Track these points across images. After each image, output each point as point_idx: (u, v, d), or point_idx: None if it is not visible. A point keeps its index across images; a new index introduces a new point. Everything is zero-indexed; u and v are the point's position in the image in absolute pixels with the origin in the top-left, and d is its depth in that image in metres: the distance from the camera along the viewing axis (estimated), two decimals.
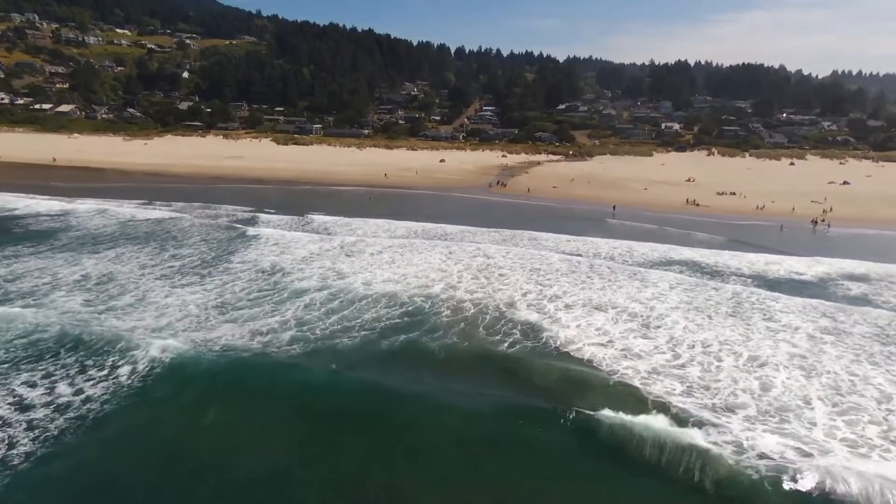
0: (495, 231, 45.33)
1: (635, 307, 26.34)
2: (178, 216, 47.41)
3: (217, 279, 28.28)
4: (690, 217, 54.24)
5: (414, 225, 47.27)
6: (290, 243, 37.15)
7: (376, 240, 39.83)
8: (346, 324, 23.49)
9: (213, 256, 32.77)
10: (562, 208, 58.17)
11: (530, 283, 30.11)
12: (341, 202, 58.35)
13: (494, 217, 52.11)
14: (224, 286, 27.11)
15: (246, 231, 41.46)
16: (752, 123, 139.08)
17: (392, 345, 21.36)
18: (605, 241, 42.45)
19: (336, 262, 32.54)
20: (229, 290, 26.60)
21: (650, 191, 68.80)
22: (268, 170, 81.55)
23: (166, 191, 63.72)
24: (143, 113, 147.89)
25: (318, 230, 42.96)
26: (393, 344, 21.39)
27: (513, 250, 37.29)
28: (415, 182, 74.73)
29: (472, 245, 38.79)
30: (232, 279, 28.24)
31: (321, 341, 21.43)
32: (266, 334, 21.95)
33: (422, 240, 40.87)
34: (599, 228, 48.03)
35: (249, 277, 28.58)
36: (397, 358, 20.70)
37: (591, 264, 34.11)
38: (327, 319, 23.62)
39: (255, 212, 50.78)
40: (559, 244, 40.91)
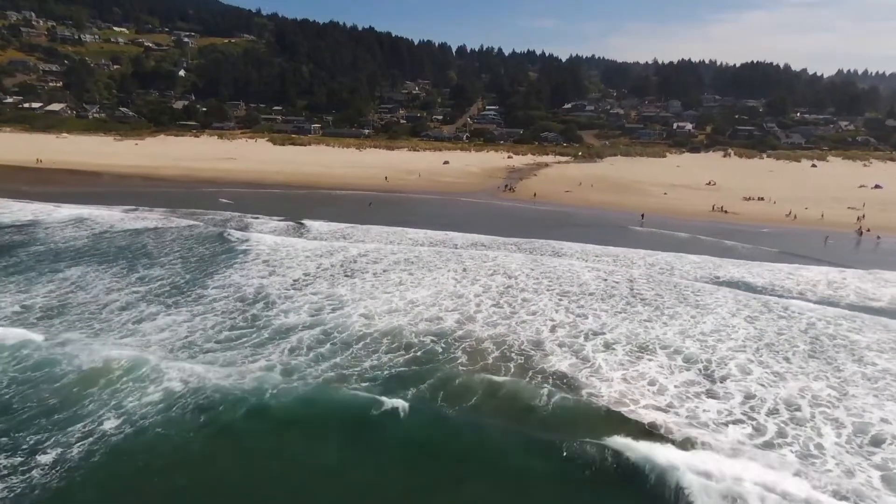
0: (512, 242, 40.80)
1: (692, 347, 21.72)
2: (160, 226, 42.96)
3: (186, 311, 23.64)
4: (722, 225, 49.60)
5: (420, 234, 42.82)
6: (282, 260, 32.60)
7: (379, 253, 35.30)
8: (341, 371, 18.91)
9: (188, 279, 28.14)
10: (580, 215, 53.58)
11: (560, 310, 25.53)
12: (340, 208, 53.83)
13: (508, 225, 47.57)
14: (193, 321, 22.46)
15: (232, 244, 36.94)
16: (767, 123, 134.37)
17: (393, 413, 16.68)
18: (638, 253, 37.92)
19: (334, 284, 27.96)
20: (199, 326, 21.96)
21: (671, 196, 64.21)
22: (262, 172, 76.96)
23: (151, 195, 59.30)
24: (136, 112, 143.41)
25: (315, 243, 38.39)
26: (394, 412, 16.70)
27: (537, 267, 32.74)
28: (418, 186, 70.16)
29: (489, 260, 34.26)
30: (204, 311, 23.59)
31: (303, 405, 16.79)
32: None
33: (430, 251, 36.36)
34: (627, 238, 43.42)
35: (226, 308, 23.93)
36: (398, 433, 16.03)
37: (630, 285, 29.53)
38: (316, 368, 18.99)
39: (245, 220, 46.25)
40: (587, 257, 36.37)
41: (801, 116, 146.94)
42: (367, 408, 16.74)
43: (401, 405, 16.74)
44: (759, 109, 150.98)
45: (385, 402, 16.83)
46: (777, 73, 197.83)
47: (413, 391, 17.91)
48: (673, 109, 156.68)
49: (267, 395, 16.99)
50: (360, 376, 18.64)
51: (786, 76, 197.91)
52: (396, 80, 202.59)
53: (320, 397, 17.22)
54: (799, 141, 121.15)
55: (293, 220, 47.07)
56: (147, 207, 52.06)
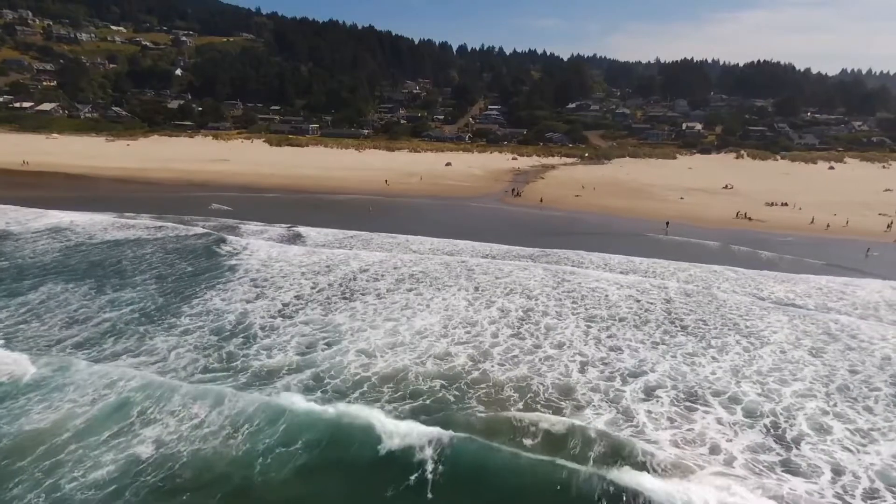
0: (526, 253, 37.47)
1: (751, 393, 18.29)
2: (142, 236, 39.65)
3: (152, 347, 20.20)
4: (750, 234, 46.12)
5: (426, 244, 39.63)
6: (273, 278, 29.18)
7: (382, 268, 31.95)
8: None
9: (161, 305, 24.69)
10: (595, 222, 50.12)
11: (589, 341, 22.15)
12: (339, 214, 50.45)
13: (519, 233, 44.21)
14: (156, 364, 18.99)
15: (219, 258, 33.58)
16: (778, 124, 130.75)
17: (396, 490, 13.28)
18: (667, 265, 34.54)
19: (330, 310, 24.52)
20: (164, 368, 18.50)
21: (688, 200, 60.73)
22: (256, 175, 73.51)
23: (139, 200, 56.00)
24: (130, 112, 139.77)
25: (311, 255, 35.00)
26: (397, 489, 13.31)
27: (558, 284, 29.35)
28: (419, 189, 66.73)
29: (504, 275, 30.86)
30: (173, 347, 20.12)
31: (283, 483, 13.37)
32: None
33: (438, 265, 33.02)
34: (652, 248, 40.01)
35: (198, 344, 20.46)
36: None
37: (666, 307, 26.13)
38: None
39: (236, 229, 42.92)
40: (612, 271, 32.98)
41: (811, 116, 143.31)
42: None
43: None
44: (768, 109, 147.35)
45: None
46: (784, 73, 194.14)
47: (418, 457, 14.47)
48: (680, 109, 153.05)
49: (236, 474, 13.56)
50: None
51: (793, 76, 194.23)
52: (397, 79, 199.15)
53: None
54: (812, 142, 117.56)
55: (288, 228, 43.82)
56: (132, 214, 48.91)
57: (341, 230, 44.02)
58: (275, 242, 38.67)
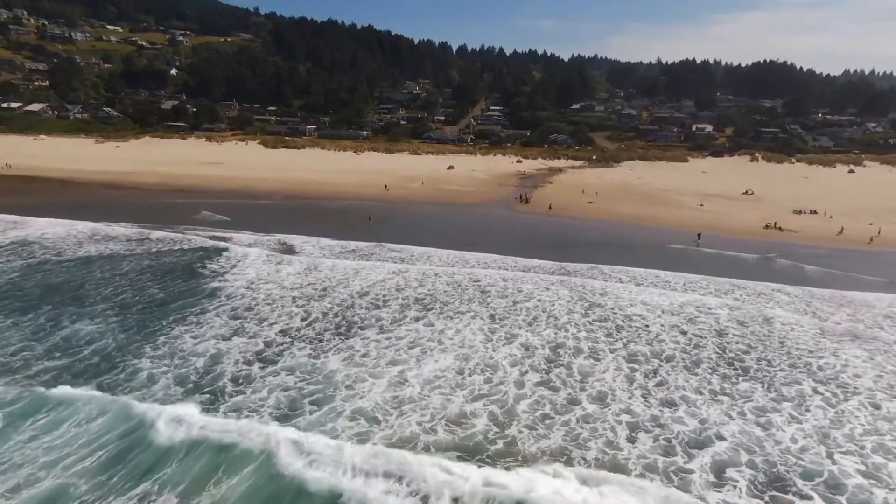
0: (546, 268, 33.66)
1: (853, 473, 14.44)
2: (117, 251, 35.92)
3: (97, 407, 16.28)
4: (784, 246, 42.19)
5: (432, 257, 35.90)
6: (259, 306, 25.42)
7: (384, 289, 28.29)
8: None
9: (121, 343, 20.81)
10: (615, 232, 46.20)
11: (635, 391, 18.37)
12: (336, 223, 46.55)
13: (533, 244, 40.42)
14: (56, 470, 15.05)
15: (200, 280, 29.88)
16: (790, 125, 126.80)
17: None
18: (706, 283, 30.80)
19: (321, 350, 20.70)
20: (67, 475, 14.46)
21: (709, 208, 56.86)
22: (249, 180, 69.60)
23: (122, 207, 52.30)
24: (121, 112, 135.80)
25: (305, 274, 31.24)
26: None
27: (588, 309, 25.59)
28: (421, 195, 62.83)
29: (523, 298, 27.06)
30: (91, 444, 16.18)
31: None
32: None
33: (447, 285, 29.30)
34: (683, 262, 36.21)
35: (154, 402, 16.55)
36: None
37: (718, 341, 22.37)
38: None
39: (223, 241, 39.10)
40: (646, 290, 29.16)
41: (823, 118, 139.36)
42: None
43: None
44: (777, 110, 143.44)
45: None
46: (791, 73, 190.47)
47: None
48: (687, 110, 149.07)
49: None
50: None
51: (800, 76, 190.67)
52: (396, 79, 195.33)
53: None
54: (827, 144, 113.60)
55: (281, 241, 40.07)
56: (113, 223, 45.22)
57: (339, 241, 40.40)
58: (266, 258, 34.92)
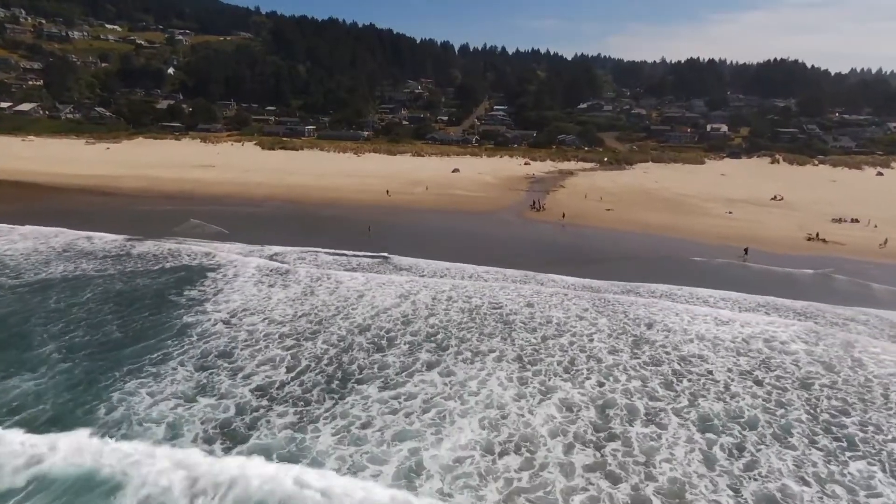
0: (577, 287, 29.39)
1: None
2: (86, 272, 31.80)
3: None
4: (835, 260, 37.80)
5: (440, 274, 31.68)
6: (237, 349, 21.26)
7: (387, 321, 24.17)
8: None
9: (50, 413, 16.49)
10: (643, 245, 41.76)
11: (718, 478, 14.14)
12: (333, 235, 42.30)
13: (553, 257, 36.26)
14: None
15: (172, 311, 25.77)
16: (807, 125, 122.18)
17: None
18: (760, 304, 26.45)
19: (307, 418, 16.47)
20: None
21: (738, 216, 52.44)
22: (242, 185, 65.35)
23: (103, 215, 48.40)
24: (115, 112, 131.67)
25: (297, 302, 27.04)
26: None
27: (635, 344, 21.33)
28: (426, 201, 58.52)
29: (555, 330, 22.80)
30: None
31: None
32: None
33: (461, 312, 25.14)
34: (727, 279, 31.99)
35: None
36: None
37: (806, 396, 18.05)
38: None
39: (209, 256, 34.98)
40: (694, 314, 24.89)
41: (840, 117, 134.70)
42: None
43: None
44: (791, 109, 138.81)
45: None
46: (802, 72, 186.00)
47: None
48: (698, 109, 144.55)
49: None
50: None
51: (812, 75, 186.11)
52: (398, 78, 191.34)
53: None
54: (849, 144, 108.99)
55: (275, 254, 36.05)
56: (90, 233, 41.18)
57: (338, 255, 36.41)
58: (256, 279, 30.76)
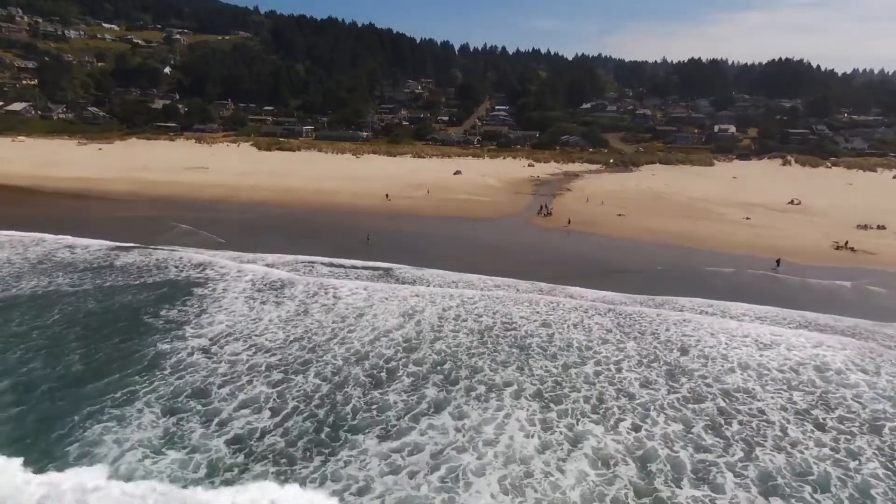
0: (593, 302, 26.59)
1: None
2: (59, 287, 29.16)
3: None
4: (870, 272, 35.08)
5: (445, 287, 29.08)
6: (213, 386, 18.50)
7: (389, 345, 21.58)
8: None
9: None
10: (662, 255, 38.93)
11: None
12: (329, 243, 39.58)
13: (566, 269, 33.69)
14: None
15: (145, 337, 23.13)
16: (816, 126, 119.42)
17: None
18: (801, 322, 23.74)
19: (291, 477, 13.59)
20: None
21: (756, 222, 49.69)
22: (235, 188, 62.54)
23: (86, 221, 45.87)
24: (109, 112, 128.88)
25: (290, 324, 24.39)
26: None
27: (674, 379, 18.50)
28: (427, 206, 55.77)
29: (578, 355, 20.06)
30: None
31: None
32: None
33: (471, 335, 22.62)
34: (757, 292, 29.35)
35: None
36: None
37: (878, 442, 15.40)
38: None
39: (198, 268, 32.35)
40: (731, 333, 22.17)
41: (849, 118, 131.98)
42: None
43: None
44: (799, 110, 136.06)
45: None
46: (808, 72, 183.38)
47: None
48: (704, 110, 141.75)
49: None
50: None
51: (818, 75, 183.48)
52: (398, 78, 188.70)
53: None
54: (861, 146, 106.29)
55: (269, 264, 33.55)
56: (74, 240, 38.74)
57: (336, 265, 33.88)
58: (247, 295, 28.10)
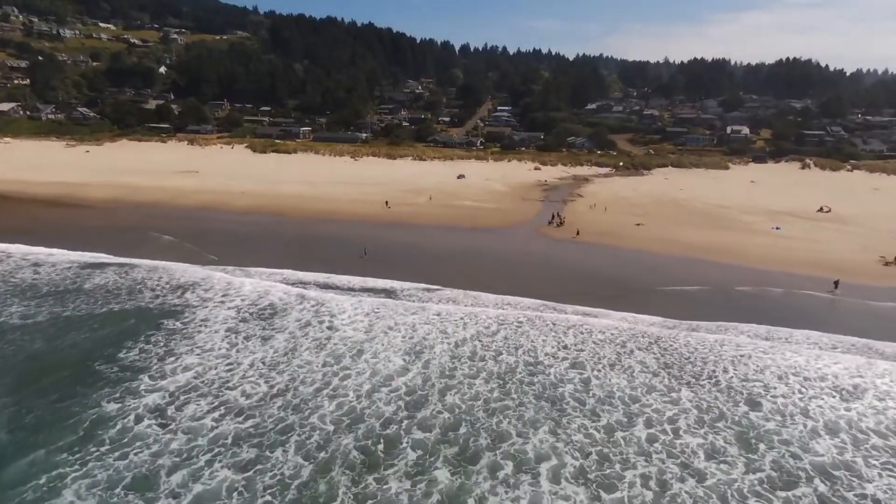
0: (623, 335, 22.63)
1: None
2: (11, 315, 25.44)
3: None
4: None
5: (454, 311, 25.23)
6: (158, 471, 14.55)
7: (389, 401, 18.04)
8: None
9: None
10: (690, 270, 35.10)
11: None
12: (322, 259, 35.72)
13: (588, 287, 29.78)
14: None
15: (98, 389, 19.53)
16: (831, 127, 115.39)
17: None
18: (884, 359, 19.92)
19: None
20: None
21: (788, 233, 45.75)
22: (225, 194, 58.67)
23: (59, 231, 42.33)
24: (100, 113, 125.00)
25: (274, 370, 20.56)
26: None
27: (746, 450, 14.56)
28: (430, 214, 51.83)
29: (623, 411, 16.23)
30: None
31: None
32: None
33: (490, 380, 18.75)
34: (815, 318, 25.46)
35: None
36: None
37: None
38: None
39: (177, 291, 28.54)
40: (809, 383, 18.45)
41: (863, 118, 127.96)
42: None
43: None
44: (811, 110, 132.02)
45: None
46: (818, 72, 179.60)
47: None
48: (713, 111, 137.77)
49: None
50: None
51: (827, 74, 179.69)
52: (398, 78, 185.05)
53: None
54: (879, 147, 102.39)
55: (255, 286, 29.66)
56: (44, 253, 35.05)
57: (329, 287, 30.14)
58: (227, 325, 24.37)
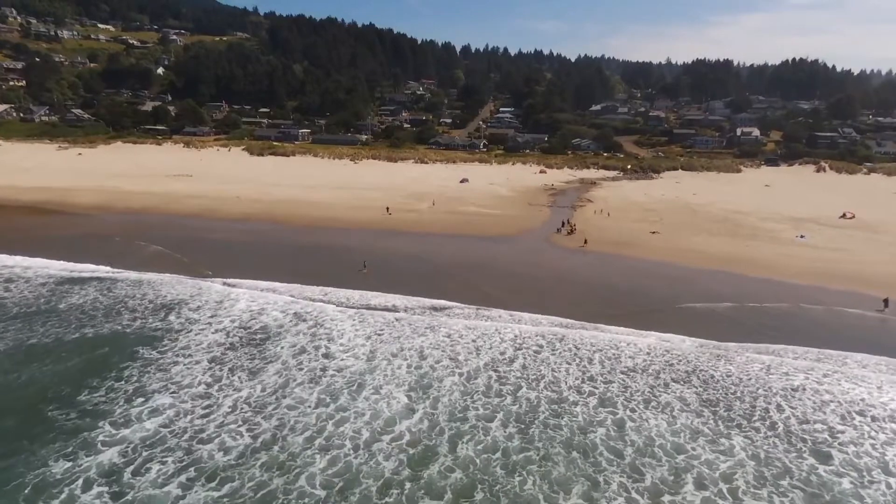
0: (655, 361, 20.04)
1: None
2: None
3: None
4: None
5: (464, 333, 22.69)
6: None
7: (386, 449, 15.86)
8: None
9: None
10: (716, 284, 32.33)
11: None
12: (317, 273, 33.00)
13: (606, 303, 27.19)
14: None
15: (46, 444, 17.74)
16: (842, 128, 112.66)
17: None
18: None
19: None
20: None
21: (813, 241, 42.96)
22: (217, 199, 56.05)
23: (43, 240, 39.76)
24: (95, 115, 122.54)
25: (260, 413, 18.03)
26: None
27: None
28: (433, 222, 49.11)
29: (669, 467, 14.16)
30: None
31: None
32: None
33: (509, 425, 16.68)
34: (868, 342, 22.79)
35: None
36: None
37: None
38: None
39: (156, 314, 26.07)
40: (880, 424, 16.20)
41: (874, 120, 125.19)
42: None
43: None
44: (821, 112, 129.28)
45: None
46: (826, 72, 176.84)
47: None
48: (720, 112, 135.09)
49: None
50: None
51: (835, 75, 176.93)
52: (399, 79, 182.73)
53: None
54: (893, 149, 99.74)
55: (246, 305, 27.35)
56: (21, 262, 33.00)
57: (328, 303, 27.88)
58: (212, 354, 21.90)
